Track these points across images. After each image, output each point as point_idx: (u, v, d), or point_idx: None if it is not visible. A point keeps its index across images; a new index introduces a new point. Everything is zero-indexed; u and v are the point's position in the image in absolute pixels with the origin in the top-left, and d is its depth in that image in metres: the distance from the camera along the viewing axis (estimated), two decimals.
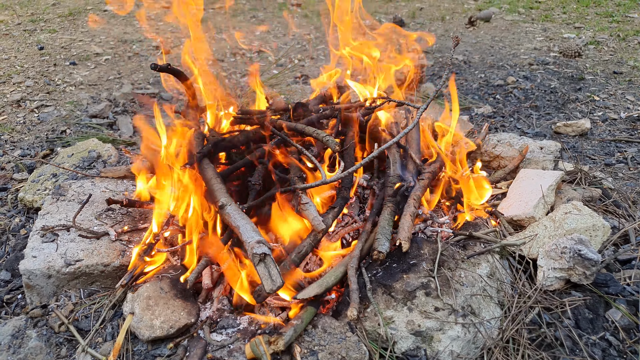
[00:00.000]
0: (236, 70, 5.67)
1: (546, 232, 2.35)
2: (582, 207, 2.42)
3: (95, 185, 2.78)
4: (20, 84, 5.01)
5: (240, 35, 5.97)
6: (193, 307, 2.05)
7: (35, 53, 5.93)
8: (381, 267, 2.17)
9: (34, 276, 2.18)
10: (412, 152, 2.71)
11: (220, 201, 2.17)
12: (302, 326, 1.89)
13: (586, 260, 2.09)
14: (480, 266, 2.18)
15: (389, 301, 2.02)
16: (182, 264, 2.25)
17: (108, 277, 2.26)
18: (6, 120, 4.25)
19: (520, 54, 6.05)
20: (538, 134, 4.00)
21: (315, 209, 2.19)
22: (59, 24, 7.16)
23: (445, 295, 2.01)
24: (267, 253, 1.83)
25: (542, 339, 2.01)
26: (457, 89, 5.02)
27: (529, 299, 2.13)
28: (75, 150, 3.32)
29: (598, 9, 8.02)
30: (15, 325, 2.07)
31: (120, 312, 2.13)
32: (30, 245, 2.30)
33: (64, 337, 2.05)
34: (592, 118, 4.27)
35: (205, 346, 1.92)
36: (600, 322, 2.08)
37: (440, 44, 6.52)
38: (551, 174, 2.72)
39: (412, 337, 1.92)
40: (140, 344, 1.97)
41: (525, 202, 2.57)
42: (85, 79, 5.27)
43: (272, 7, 8.49)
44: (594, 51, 6.01)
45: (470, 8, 8.42)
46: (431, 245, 2.23)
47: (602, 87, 4.92)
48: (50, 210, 2.55)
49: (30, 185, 3.02)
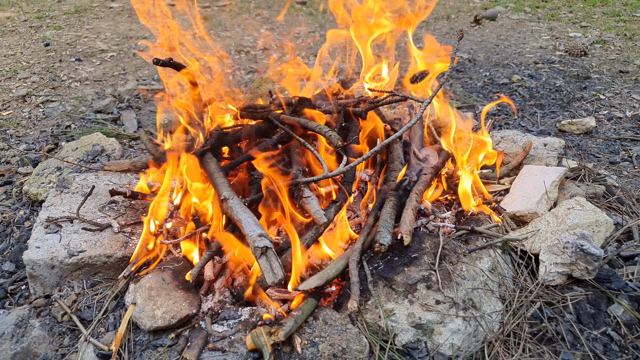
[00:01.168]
0: (240, 66, 5.68)
1: (549, 228, 2.35)
2: (585, 203, 2.41)
3: (99, 178, 2.80)
4: (26, 79, 5.04)
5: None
6: (195, 298, 2.06)
7: (41, 49, 5.97)
8: (383, 260, 2.17)
9: (37, 266, 2.19)
10: (415, 147, 2.71)
11: (222, 195, 2.18)
12: (302, 317, 1.89)
13: (588, 255, 2.09)
14: (482, 260, 2.18)
15: (390, 294, 2.02)
16: (184, 255, 2.26)
17: (111, 268, 2.27)
18: (12, 115, 4.27)
19: (526, 53, 6.03)
20: (542, 131, 3.98)
21: (317, 203, 2.20)
22: (65, 21, 7.20)
23: (447, 289, 2.01)
24: (268, 246, 1.84)
25: (543, 333, 2.01)
26: (462, 87, 5.01)
27: (530, 294, 2.13)
28: (80, 144, 3.34)
29: (605, 8, 7.98)
30: (19, 315, 2.08)
31: (123, 303, 2.14)
32: (34, 237, 2.31)
33: (66, 326, 2.07)
34: (597, 116, 4.25)
35: (206, 337, 1.93)
36: (602, 317, 2.07)
37: (446, 42, 6.51)
38: (554, 170, 2.72)
39: (412, 329, 1.92)
40: (142, 334, 1.97)
41: (528, 198, 2.56)
42: (90, 75, 5.29)
43: (278, 5, 8.50)
44: (600, 50, 5.98)
45: (475, 7, 8.40)
46: (433, 239, 2.23)
47: (608, 85, 4.90)
48: (54, 202, 2.56)
49: (35, 179, 3.04)
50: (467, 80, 5.21)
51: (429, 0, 2.75)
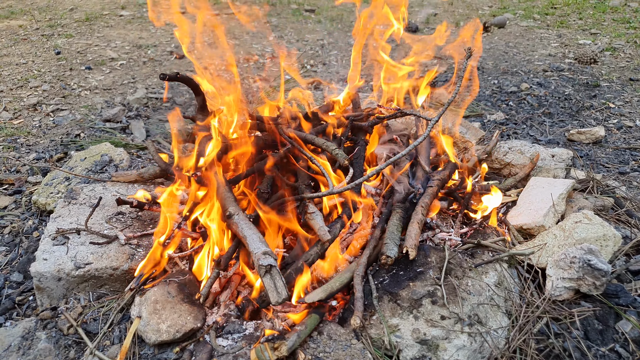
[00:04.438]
0: (248, 75, 5.70)
1: (556, 242, 2.33)
2: (593, 216, 2.39)
3: (107, 189, 2.82)
4: (37, 88, 5.10)
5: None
6: (200, 312, 2.07)
7: (52, 57, 6.03)
8: (388, 274, 2.17)
9: (44, 278, 2.21)
10: (422, 160, 2.70)
11: (228, 210, 2.18)
12: (306, 332, 1.89)
13: (596, 270, 2.07)
14: (487, 275, 2.17)
15: (395, 309, 2.01)
16: (191, 270, 2.27)
17: (117, 280, 2.28)
18: (22, 124, 4.32)
19: (535, 60, 6.00)
20: (551, 141, 3.96)
21: (322, 219, 2.20)
22: (76, 29, 7.27)
23: (452, 304, 2.00)
24: (273, 265, 1.83)
25: (550, 349, 1.99)
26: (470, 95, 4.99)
27: (537, 309, 2.11)
28: (88, 154, 3.37)
29: (615, 15, 7.93)
30: (25, 327, 2.10)
31: (128, 316, 2.15)
32: (42, 248, 2.33)
33: (72, 339, 2.08)
34: (606, 125, 4.22)
35: (211, 351, 1.93)
36: (610, 334, 2.05)
37: (454, 50, 6.49)
38: (562, 183, 2.70)
39: (417, 345, 1.91)
40: (147, 348, 1.98)
41: (535, 211, 2.54)
42: (100, 83, 5.34)
43: (286, 12, 8.54)
44: (610, 58, 5.94)
45: (484, 14, 8.39)
46: (438, 253, 2.22)
47: (618, 94, 4.86)
48: (62, 214, 2.58)
49: (44, 189, 3.07)
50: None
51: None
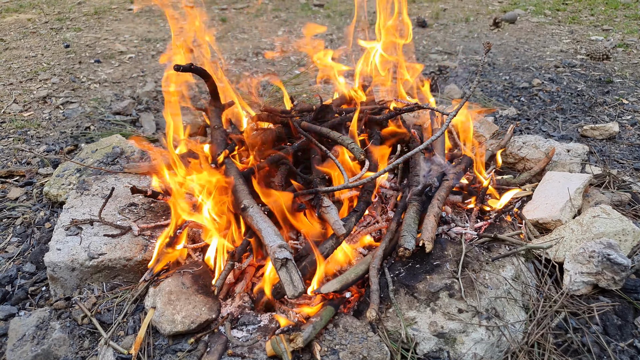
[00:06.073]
0: (258, 69, 5.68)
1: (573, 236, 2.30)
2: (611, 210, 2.36)
3: (119, 180, 2.81)
4: (47, 80, 5.09)
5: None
6: (214, 303, 2.05)
7: (61, 51, 6.03)
8: (404, 267, 2.14)
9: (58, 269, 2.20)
10: (437, 153, 2.67)
11: (242, 203, 2.17)
12: (321, 324, 1.87)
13: (615, 265, 2.04)
14: (504, 269, 2.14)
15: (411, 302, 1.99)
16: (204, 261, 2.25)
17: (130, 271, 2.27)
18: (32, 117, 4.31)
19: (546, 56, 5.95)
20: (564, 137, 3.92)
21: (337, 213, 2.18)
22: (85, 23, 7.27)
23: (469, 297, 1.97)
24: (288, 258, 1.82)
25: (568, 344, 1.97)
26: (481, 90, 4.96)
27: (554, 303, 2.08)
28: (99, 146, 3.35)
29: (627, 11, 7.85)
30: (40, 317, 2.09)
31: (142, 306, 2.13)
32: (55, 239, 2.32)
33: (86, 329, 2.07)
34: (620, 121, 4.17)
35: (226, 342, 1.91)
36: (629, 329, 2.02)
37: (465, 45, 6.45)
38: (578, 177, 2.66)
39: (434, 338, 1.89)
40: (162, 339, 1.97)
41: (552, 205, 2.51)
42: (109, 76, 5.33)
43: (295, 7, 8.51)
44: (622, 54, 5.88)
45: (495, 9, 8.32)
46: (455, 246, 2.20)
47: (631, 90, 4.81)
48: (74, 205, 2.57)
49: (55, 180, 3.06)
50: (486, 84, 5.15)
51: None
